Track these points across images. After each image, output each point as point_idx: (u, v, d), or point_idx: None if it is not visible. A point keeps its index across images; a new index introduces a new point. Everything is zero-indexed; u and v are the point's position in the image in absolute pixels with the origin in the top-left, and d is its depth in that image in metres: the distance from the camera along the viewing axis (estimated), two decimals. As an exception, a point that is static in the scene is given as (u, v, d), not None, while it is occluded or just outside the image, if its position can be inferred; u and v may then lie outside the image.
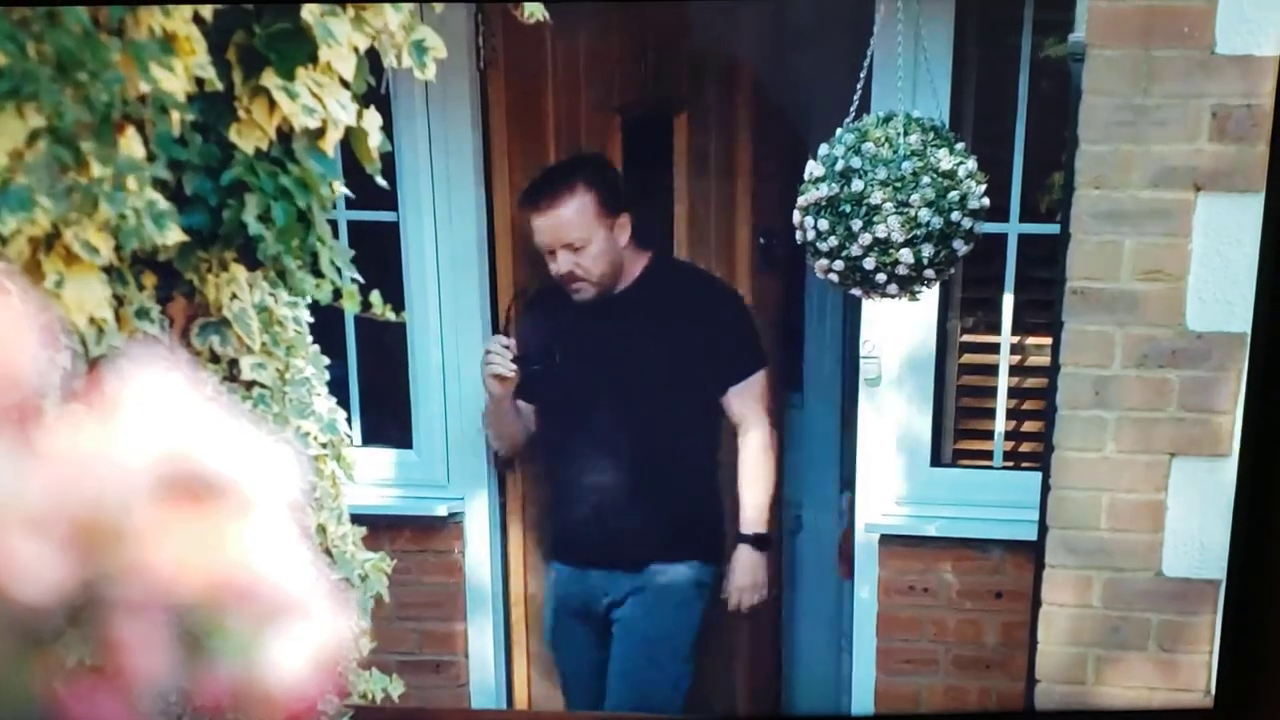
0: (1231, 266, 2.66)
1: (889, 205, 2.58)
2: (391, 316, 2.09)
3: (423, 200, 3.17)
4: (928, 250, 2.61)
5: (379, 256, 3.18)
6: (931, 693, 3.25)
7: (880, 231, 2.59)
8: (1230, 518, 2.74)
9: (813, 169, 2.63)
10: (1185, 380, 2.71)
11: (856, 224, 2.60)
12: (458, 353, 3.25)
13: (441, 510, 3.32)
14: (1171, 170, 2.64)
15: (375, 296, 2.00)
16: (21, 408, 0.57)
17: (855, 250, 2.62)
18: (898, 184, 2.58)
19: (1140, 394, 2.72)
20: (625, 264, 3.11)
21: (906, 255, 2.61)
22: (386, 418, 3.38)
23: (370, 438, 3.37)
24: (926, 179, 2.57)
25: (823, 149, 2.62)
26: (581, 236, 3.04)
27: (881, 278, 2.64)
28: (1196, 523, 2.77)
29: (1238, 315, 2.66)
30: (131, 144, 1.18)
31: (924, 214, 2.58)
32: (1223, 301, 2.67)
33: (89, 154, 1.13)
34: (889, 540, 3.17)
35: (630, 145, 3.46)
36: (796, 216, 2.65)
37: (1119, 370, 2.73)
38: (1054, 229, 2.81)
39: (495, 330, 3.20)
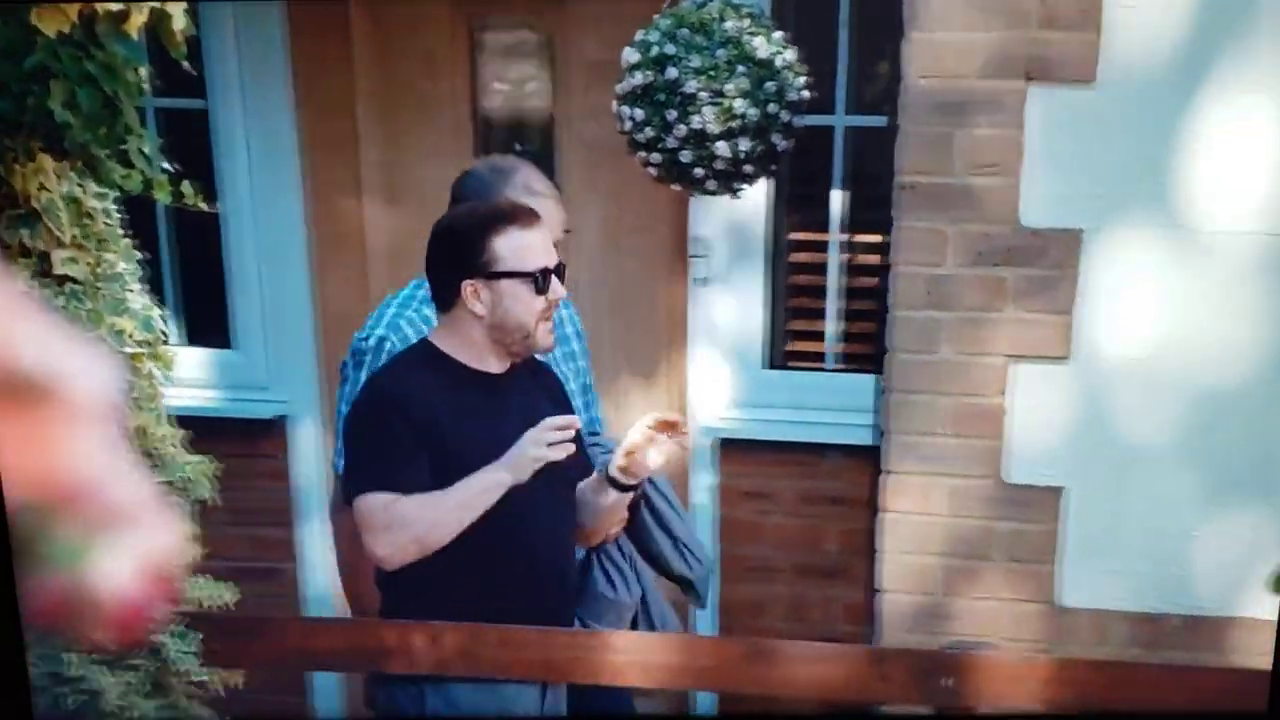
0: (1066, 160, 2.56)
1: (704, 95, 2.45)
2: (204, 206, 2.01)
3: (230, 86, 3.02)
4: (745, 144, 2.49)
5: (189, 146, 3.04)
6: (775, 601, 3.19)
7: (696, 123, 2.47)
8: (1073, 422, 2.68)
9: (628, 56, 2.49)
10: (1021, 279, 2.62)
11: (672, 114, 2.48)
12: (275, 248, 3.12)
13: (266, 413, 3.23)
14: (1003, 59, 2.52)
15: (186, 187, 1.93)
16: None
17: (672, 142, 2.50)
18: (712, 73, 2.45)
19: (976, 294, 2.63)
20: None
21: (723, 149, 2.49)
22: (205, 316, 3.26)
23: (189, 337, 3.27)
24: (742, 68, 2.44)
25: (639, 34, 2.48)
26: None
27: (700, 172, 2.51)
28: (1038, 428, 2.70)
29: (1074, 211, 2.57)
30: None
31: (739, 105, 2.45)
32: (1058, 197, 2.57)
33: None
34: (726, 445, 3.10)
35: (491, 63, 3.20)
36: (614, 105, 2.53)
37: (953, 269, 2.63)
38: (882, 121, 2.71)
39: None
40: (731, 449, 3.11)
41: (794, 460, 3.05)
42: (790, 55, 2.46)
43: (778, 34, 2.48)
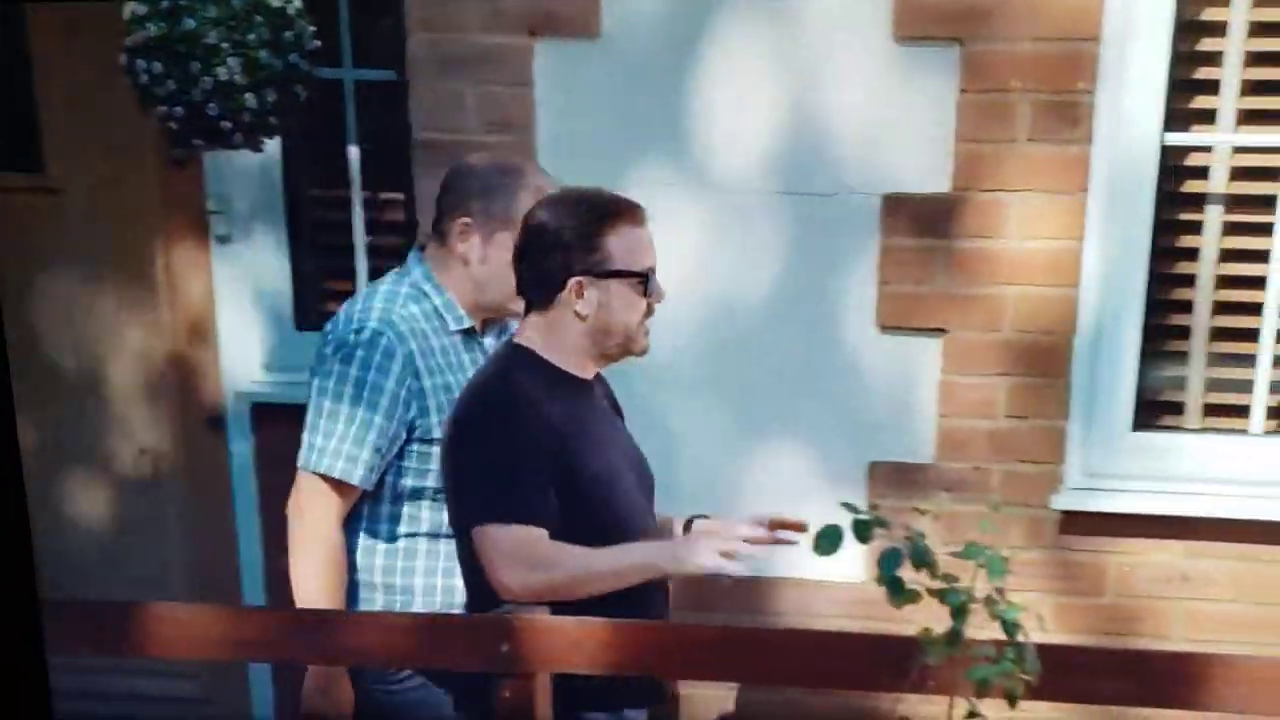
0: (577, 117, 2.68)
1: (226, 45, 2.45)
2: None
3: None
4: (271, 95, 2.50)
5: None
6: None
7: (222, 74, 2.45)
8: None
9: (134, 8, 2.44)
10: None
11: (195, 66, 2.45)
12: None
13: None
14: (504, 14, 2.63)
15: None
16: None
17: (197, 95, 2.47)
18: (231, 23, 2.45)
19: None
20: None
21: (251, 100, 2.48)
22: None
23: None
24: (259, 17, 2.46)
25: (139, -16, 2.45)
26: None
27: (227, 125, 2.49)
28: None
29: (589, 168, 2.59)
30: None
31: (264, 55, 2.46)
32: (572, 154, 2.68)
33: None
34: (259, 409, 3.05)
35: None
36: (124, 59, 2.46)
37: (481, 228, 2.71)
38: (392, 75, 2.78)
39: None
40: (266, 413, 3.06)
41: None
42: (299, 3, 2.50)
43: (281, -19, 2.52)
